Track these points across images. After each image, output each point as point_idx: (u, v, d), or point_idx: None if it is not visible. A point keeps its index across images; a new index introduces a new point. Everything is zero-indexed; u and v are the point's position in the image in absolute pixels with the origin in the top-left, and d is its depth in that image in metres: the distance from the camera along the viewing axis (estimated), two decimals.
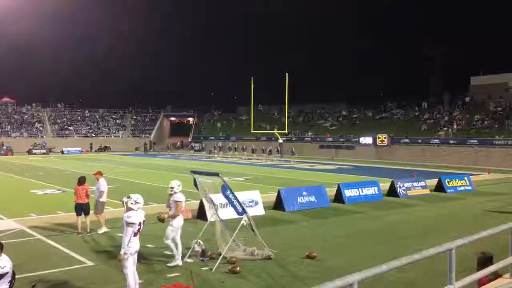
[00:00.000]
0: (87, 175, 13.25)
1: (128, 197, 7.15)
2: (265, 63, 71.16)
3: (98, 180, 12.31)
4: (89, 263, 9.14)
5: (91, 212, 12.00)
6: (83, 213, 11.83)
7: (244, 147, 48.02)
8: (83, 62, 72.12)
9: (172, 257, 9.09)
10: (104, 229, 11.86)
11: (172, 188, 9.19)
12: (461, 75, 56.01)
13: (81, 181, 12.03)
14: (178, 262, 8.94)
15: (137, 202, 7.08)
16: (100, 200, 12.12)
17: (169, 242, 8.98)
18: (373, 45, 66.77)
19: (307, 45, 76.42)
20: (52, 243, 10.76)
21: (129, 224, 6.89)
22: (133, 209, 7.03)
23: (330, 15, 67.78)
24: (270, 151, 43.86)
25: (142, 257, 7.42)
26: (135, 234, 6.98)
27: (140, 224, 7.01)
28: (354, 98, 62.27)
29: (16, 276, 7.81)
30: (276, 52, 73.27)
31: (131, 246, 6.94)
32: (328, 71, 70.37)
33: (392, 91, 62.02)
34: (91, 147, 60.44)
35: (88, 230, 11.74)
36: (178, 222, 9.06)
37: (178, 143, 61.80)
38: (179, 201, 9.07)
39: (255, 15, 72.47)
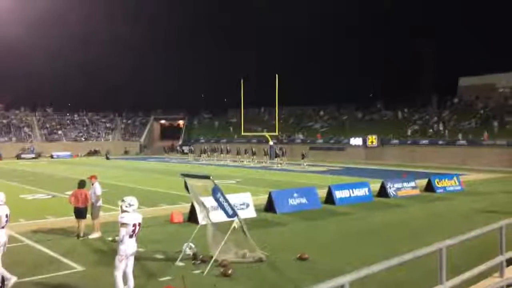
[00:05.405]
0: (77, 179, 13.10)
1: (122, 200, 7.17)
2: (256, 65, 71.11)
3: (93, 184, 12.21)
4: (79, 268, 9.06)
5: (88, 216, 11.93)
6: (79, 217, 11.77)
7: (229, 149, 48.08)
8: (71, 66, 71.46)
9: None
10: (96, 235, 11.77)
11: None
12: (449, 76, 56.53)
13: (81, 185, 11.98)
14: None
15: (131, 205, 7.10)
16: (97, 204, 12.04)
17: None
18: (362, 46, 67.08)
19: (297, 47, 76.55)
20: (42, 248, 10.65)
21: (122, 224, 6.92)
22: (127, 211, 7.04)
23: (319, 16, 68.04)
24: (253, 152, 43.83)
25: (134, 260, 7.38)
26: (130, 236, 6.98)
27: (135, 225, 7.01)
28: (344, 99, 62.50)
29: (6, 282, 7.73)
30: (266, 54, 73.27)
31: (127, 248, 6.94)
32: (317, 73, 70.50)
33: (381, 92, 62.39)
34: (95, 151, 60.70)
35: (82, 235, 11.66)
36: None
37: (166, 146, 61.73)
38: None
39: (244, 17, 72.55)
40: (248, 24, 71.56)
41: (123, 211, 7.08)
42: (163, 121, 76.02)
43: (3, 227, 7.64)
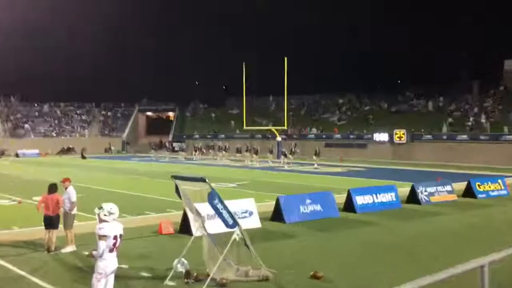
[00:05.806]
0: (47, 182, 13.15)
1: (100, 208, 7.09)
2: (260, 47, 71.11)
3: (66, 188, 12.22)
4: None
5: (60, 227, 11.96)
6: (50, 228, 11.80)
7: (227, 146, 48.20)
8: (40, 48, 71.60)
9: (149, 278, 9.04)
10: (70, 248, 11.79)
11: None
12: (493, 59, 56.24)
13: (52, 189, 11.99)
14: None
15: (111, 213, 7.05)
16: (71, 213, 12.07)
17: None
18: (389, 23, 66.76)
19: (309, 25, 76.34)
20: (6, 264, 10.69)
21: (101, 236, 6.86)
22: (106, 221, 7.01)
23: None
24: (256, 150, 43.81)
25: (115, 279, 7.37)
26: (110, 250, 6.96)
27: (116, 238, 6.99)
28: (366, 87, 62.43)
29: None
30: (273, 35, 73.22)
31: (107, 265, 6.92)
32: (334, 55, 70.34)
33: (411, 78, 62.17)
34: (68, 148, 61.18)
35: (53, 248, 11.70)
36: None
37: (154, 143, 61.92)
38: None
39: None
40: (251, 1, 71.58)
41: (101, 221, 7.03)
42: (149, 113, 76.19)
43: None
